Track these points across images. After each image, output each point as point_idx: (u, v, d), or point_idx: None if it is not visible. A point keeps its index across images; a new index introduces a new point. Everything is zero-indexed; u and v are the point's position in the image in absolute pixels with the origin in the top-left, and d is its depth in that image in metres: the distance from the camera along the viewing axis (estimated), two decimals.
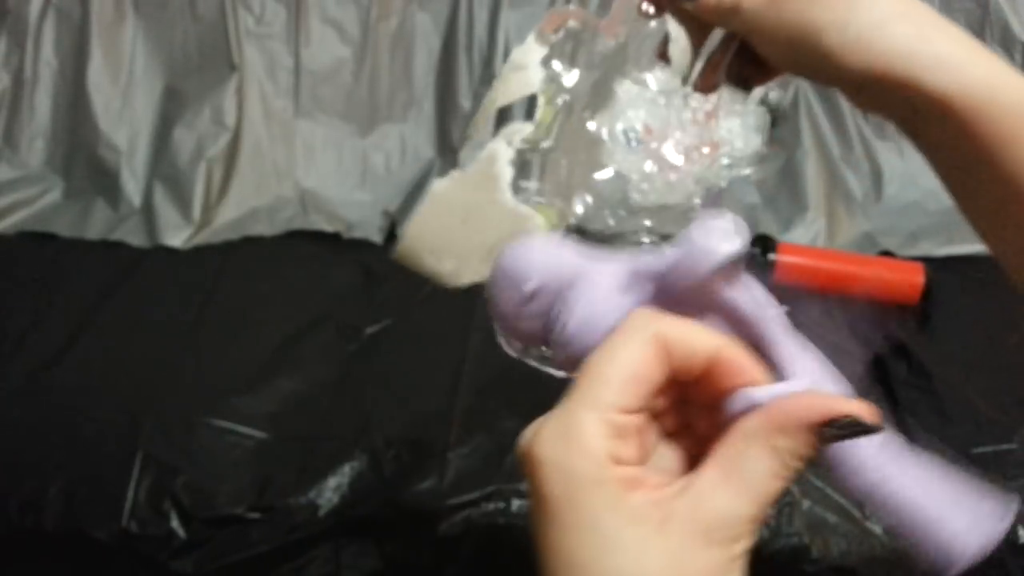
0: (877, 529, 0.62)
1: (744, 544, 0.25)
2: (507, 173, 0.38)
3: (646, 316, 0.27)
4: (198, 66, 0.99)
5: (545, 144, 0.41)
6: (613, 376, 0.26)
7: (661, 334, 0.26)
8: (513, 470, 0.64)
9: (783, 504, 0.63)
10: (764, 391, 0.26)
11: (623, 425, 0.25)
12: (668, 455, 0.28)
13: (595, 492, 0.24)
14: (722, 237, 0.26)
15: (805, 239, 0.92)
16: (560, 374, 0.29)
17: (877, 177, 0.99)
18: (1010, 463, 0.67)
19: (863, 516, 0.63)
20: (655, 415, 0.28)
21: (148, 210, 0.95)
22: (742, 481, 0.25)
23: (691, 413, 0.29)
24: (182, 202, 0.95)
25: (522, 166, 0.40)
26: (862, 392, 0.71)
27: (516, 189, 0.38)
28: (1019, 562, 0.62)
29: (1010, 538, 0.62)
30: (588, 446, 0.25)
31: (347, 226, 0.95)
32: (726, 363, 0.27)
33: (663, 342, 0.26)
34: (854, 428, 0.25)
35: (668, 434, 0.29)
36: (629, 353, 0.26)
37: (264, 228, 0.94)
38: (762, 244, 0.85)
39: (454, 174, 0.38)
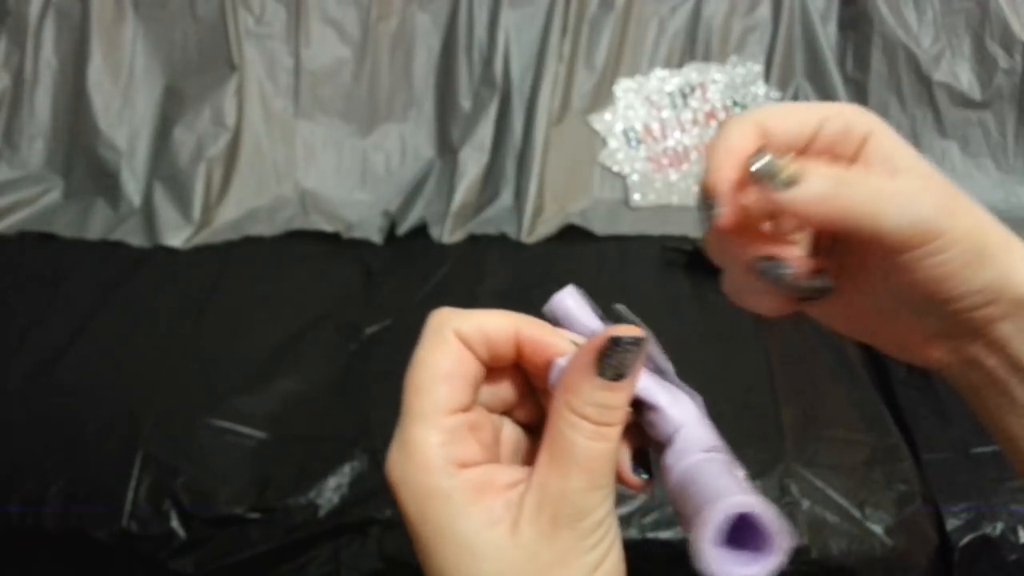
0: (877, 529, 0.62)
1: (593, 517, 0.25)
2: None
3: (441, 315, 0.27)
4: (198, 66, 0.99)
5: None
6: (427, 383, 0.26)
7: (457, 330, 0.27)
8: None
9: (783, 504, 0.63)
10: (565, 358, 0.27)
11: (455, 427, 0.26)
12: (531, 445, 0.29)
13: (445, 504, 0.25)
14: None
15: None
16: None
17: None
18: (1010, 463, 0.67)
19: (863, 516, 0.63)
20: (509, 409, 0.29)
21: (148, 210, 0.95)
22: (566, 456, 0.25)
23: (541, 399, 0.29)
24: (182, 202, 0.95)
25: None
26: (860, 391, 0.71)
27: None
28: (1020, 562, 0.62)
29: (1011, 539, 0.62)
30: (426, 460, 0.25)
31: (347, 226, 0.95)
32: (529, 341, 0.27)
33: (462, 336, 0.27)
34: (625, 350, 0.25)
35: (528, 425, 0.29)
36: (436, 356, 0.26)
37: (264, 228, 0.95)
38: None
39: None
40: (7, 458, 0.66)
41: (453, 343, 0.26)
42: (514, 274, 0.88)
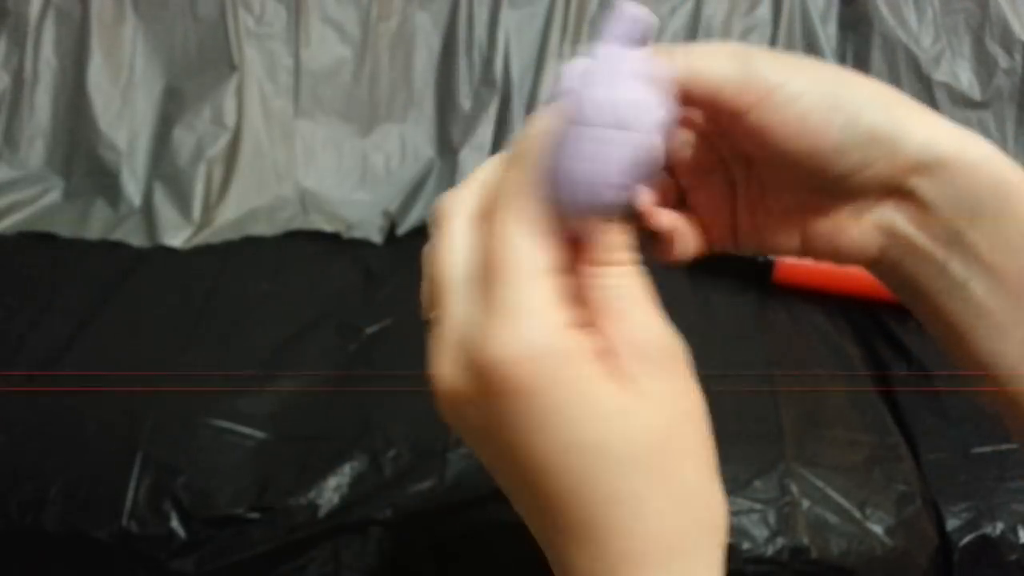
0: (877, 529, 0.62)
1: (674, 343, 0.25)
2: None
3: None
4: (198, 66, 0.99)
5: None
6: (527, 236, 0.24)
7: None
8: None
9: (783, 504, 0.63)
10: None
11: (562, 288, 0.24)
12: None
13: (577, 367, 0.23)
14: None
15: None
16: None
17: None
18: (1010, 463, 0.67)
19: (863, 516, 0.63)
20: None
21: (148, 210, 0.95)
22: (618, 304, 0.24)
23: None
24: (182, 202, 0.95)
25: None
26: (860, 391, 0.71)
27: None
28: (1020, 562, 0.62)
29: (1011, 539, 0.62)
30: (546, 320, 0.23)
31: (347, 226, 0.95)
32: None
33: None
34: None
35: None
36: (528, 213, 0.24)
37: (264, 228, 0.94)
38: None
39: None
40: (7, 458, 0.66)
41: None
42: None
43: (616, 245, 0.25)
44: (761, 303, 0.84)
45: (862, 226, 0.28)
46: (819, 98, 0.26)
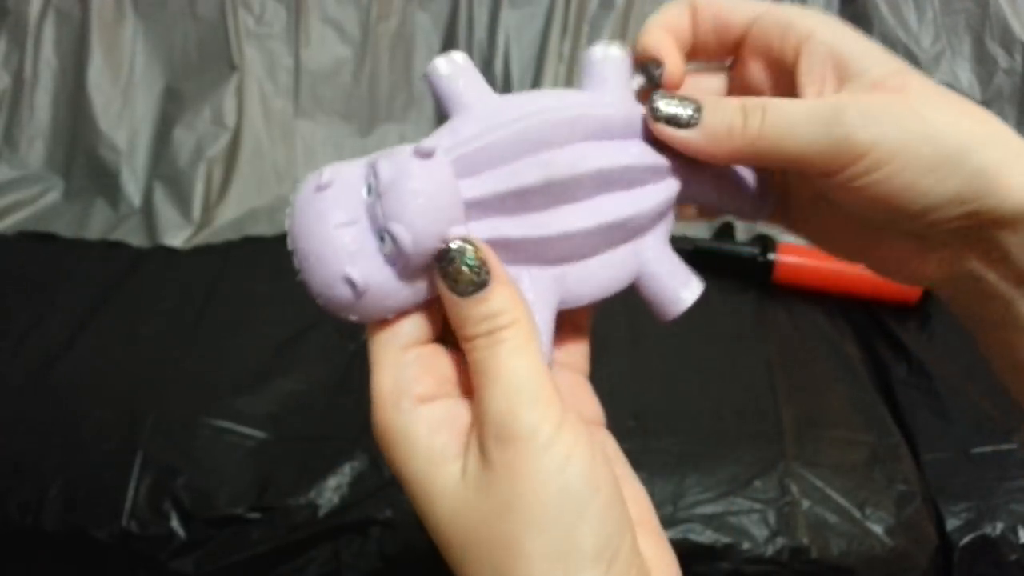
0: (877, 529, 0.62)
1: (523, 428, 0.22)
2: None
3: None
4: (198, 66, 0.99)
5: None
6: (389, 323, 0.26)
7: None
8: None
9: (783, 504, 0.63)
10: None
11: (409, 362, 0.25)
12: None
13: (402, 442, 0.24)
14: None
15: None
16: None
17: None
18: (1010, 463, 0.67)
19: (863, 516, 0.63)
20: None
21: (148, 210, 0.95)
22: (479, 378, 0.23)
23: None
24: (182, 202, 0.95)
25: None
26: (860, 391, 0.71)
27: None
28: (1020, 562, 0.62)
29: (1011, 539, 0.62)
30: (383, 399, 0.25)
31: None
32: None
33: None
34: (454, 259, 0.24)
35: None
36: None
37: (264, 228, 0.94)
38: (762, 244, 0.85)
39: None
40: (7, 458, 0.66)
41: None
42: None
43: (474, 318, 0.24)
44: (761, 303, 0.84)
45: (929, 260, 0.27)
46: (909, 162, 0.24)
